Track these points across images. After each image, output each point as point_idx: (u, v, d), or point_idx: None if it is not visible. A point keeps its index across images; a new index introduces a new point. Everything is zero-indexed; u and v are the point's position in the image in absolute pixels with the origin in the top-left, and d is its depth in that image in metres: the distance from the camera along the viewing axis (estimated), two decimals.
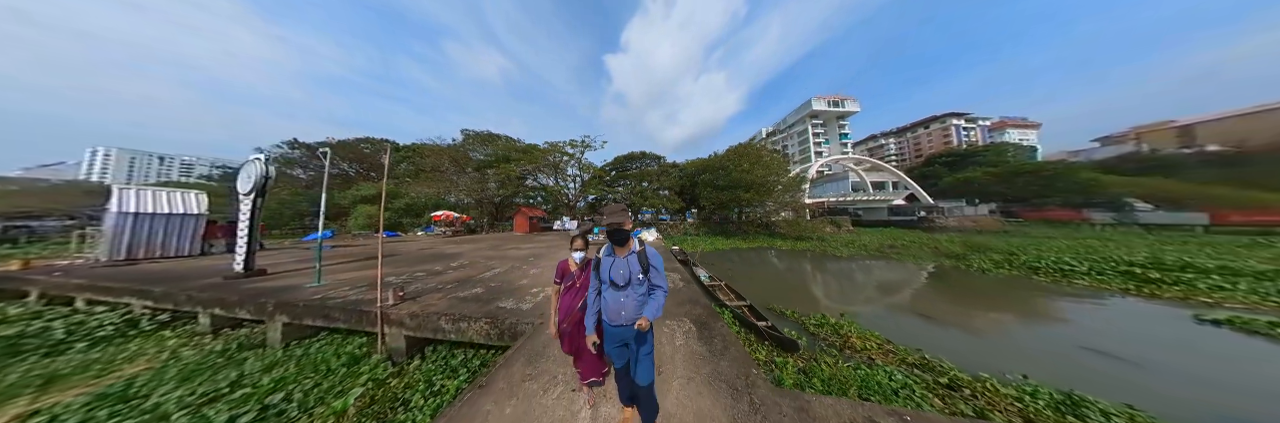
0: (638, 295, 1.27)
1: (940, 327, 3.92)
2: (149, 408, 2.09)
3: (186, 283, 3.89)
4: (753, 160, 14.85)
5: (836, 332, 3.37)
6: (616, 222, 1.26)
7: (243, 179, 4.20)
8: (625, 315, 1.25)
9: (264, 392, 2.21)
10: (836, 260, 8.75)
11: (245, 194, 4.14)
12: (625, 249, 1.32)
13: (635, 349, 1.26)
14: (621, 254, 1.31)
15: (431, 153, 18.69)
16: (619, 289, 1.27)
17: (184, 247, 6.69)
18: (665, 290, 1.28)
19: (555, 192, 19.09)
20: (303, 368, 2.55)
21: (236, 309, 3.26)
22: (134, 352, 2.97)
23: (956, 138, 43.73)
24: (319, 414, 1.98)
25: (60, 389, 2.40)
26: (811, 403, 1.49)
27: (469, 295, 3.28)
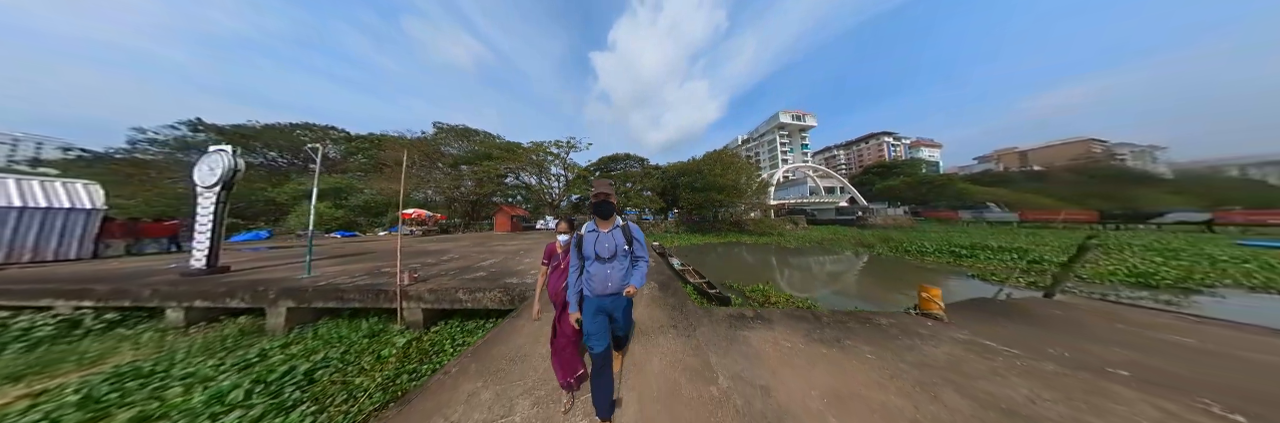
0: (623, 267, 1.36)
1: (828, 287, 5.83)
2: (182, 375, 2.27)
3: (130, 282, 3.62)
4: (725, 166, 16.73)
5: (763, 294, 4.71)
6: (603, 192, 1.35)
7: (203, 172, 3.99)
8: (611, 286, 1.35)
9: (299, 357, 2.48)
10: (786, 251, 10.82)
11: (207, 187, 3.95)
12: (609, 223, 1.40)
13: (620, 317, 1.41)
14: (605, 228, 1.39)
15: (395, 145, 17.55)
16: (604, 262, 1.35)
17: (69, 249, 5.58)
18: (648, 261, 1.40)
19: (538, 191, 18.99)
20: (326, 342, 2.79)
21: (226, 300, 3.25)
22: (107, 347, 2.80)
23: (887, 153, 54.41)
24: (366, 362, 2.38)
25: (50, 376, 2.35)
26: (713, 311, 2.65)
27: (475, 277, 3.71)
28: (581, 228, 1.44)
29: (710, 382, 1.61)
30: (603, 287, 1.34)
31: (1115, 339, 2.23)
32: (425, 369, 2.36)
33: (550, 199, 19.29)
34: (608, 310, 1.37)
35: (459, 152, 19.68)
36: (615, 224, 1.40)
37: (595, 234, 1.38)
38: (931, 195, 27.88)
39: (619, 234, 1.37)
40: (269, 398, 1.99)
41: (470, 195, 17.98)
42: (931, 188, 28.33)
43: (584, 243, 1.37)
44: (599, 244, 1.35)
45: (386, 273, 3.90)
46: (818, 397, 1.47)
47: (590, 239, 1.37)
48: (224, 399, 1.97)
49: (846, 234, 15.25)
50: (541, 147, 17.66)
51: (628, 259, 1.38)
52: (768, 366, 1.77)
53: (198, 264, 3.97)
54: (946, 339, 2.16)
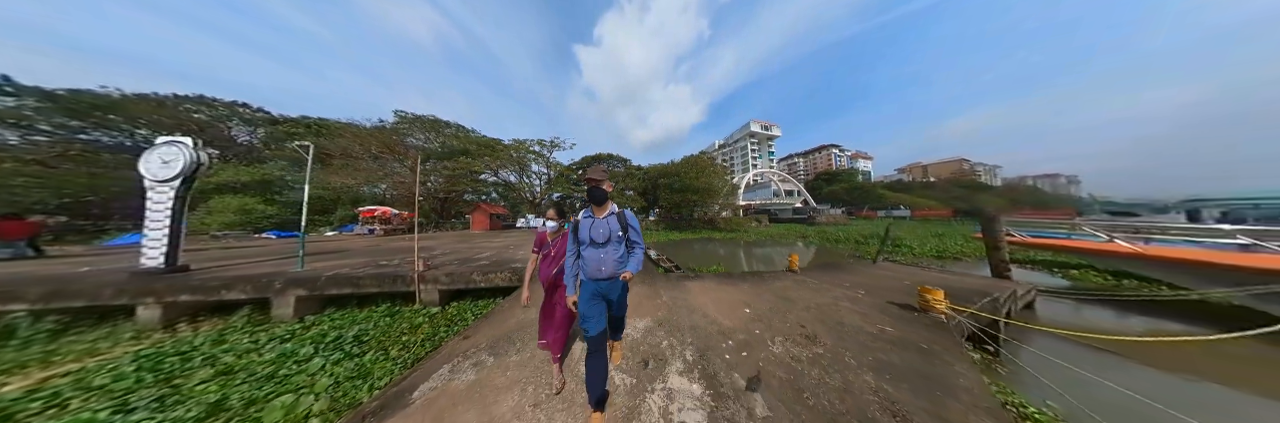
0: (617, 252, 1.41)
1: (760, 264, 7.81)
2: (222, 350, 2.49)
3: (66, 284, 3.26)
4: (700, 170, 18.94)
5: (712, 270, 6.27)
6: (597, 179, 1.39)
7: (152, 163, 3.72)
8: (606, 270, 1.39)
9: (337, 328, 2.75)
10: (746, 244, 13.03)
11: (160, 181, 3.70)
12: (604, 210, 1.44)
13: (615, 300, 1.47)
14: (600, 215, 1.43)
15: (348, 133, 15.98)
16: (599, 247, 1.39)
17: None
18: (643, 247, 1.45)
19: (519, 188, 19.09)
20: (351, 320, 3.06)
21: (221, 292, 3.20)
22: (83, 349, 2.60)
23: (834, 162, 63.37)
24: (404, 329, 2.79)
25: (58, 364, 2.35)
26: (669, 275, 4.41)
27: (479, 264, 4.19)
28: (577, 215, 1.48)
29: (657, 297, 3.14)
30: (597, 271, 1.39)
31: (869, 275, 4.28)
32: (456, 329, 2.90)
33: (531, 197, 19.28)
34: (604, 294, 1.42)
35: (427, 144, 18.47)
36: (610, 211, 1.45)
37: (590, 220, 1.43)
38: (861, 199, 34.13)
39: (614, 221, 1.42)
40: (335, 352, 2.40)
41: (439, 192, 16.92)
42: (862, 193, 34.94)
43: (579, 228, 1.43)
44: (594, 230, 1.40)
45: (388, 265, 4.21)
46: (708, 301, 3.06)
47: (586, 225, 1.42)
48: (295, 355, 2.35)
49: (796, 230, 18.43)
50: (523, 145, 17.58)
51: (622, 245, 1.43)
52: (691, 293, 3.34)
53: (152, 263, 3.70)
54: (788, 278, 3.99)
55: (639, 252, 1.46)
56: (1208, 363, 2.66)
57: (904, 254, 8.63)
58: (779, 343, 2.10)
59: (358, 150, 15.10)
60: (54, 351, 2.62)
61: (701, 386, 1.60)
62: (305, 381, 2.10)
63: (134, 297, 3.15)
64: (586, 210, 1.48)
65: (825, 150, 66.69)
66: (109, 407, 1.87)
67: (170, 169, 3.78)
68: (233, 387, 2.04)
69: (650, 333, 2.28)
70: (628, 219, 1.46)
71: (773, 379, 1.66)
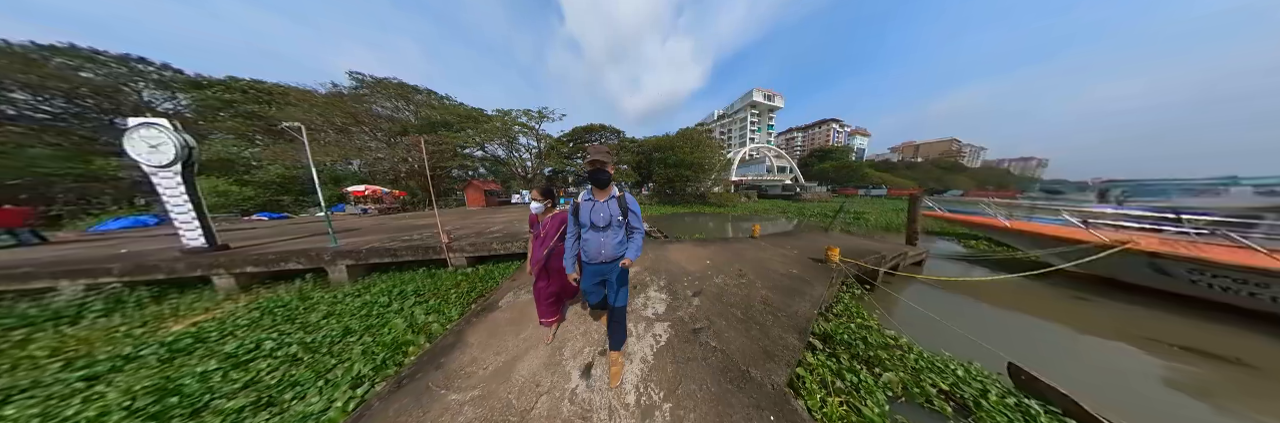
0: (617, 236, 1.42)
1: (736, 232, 8.89)
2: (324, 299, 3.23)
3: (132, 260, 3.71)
4: (695, 144, 19.25)
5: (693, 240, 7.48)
6: (600, 161, 1.32)
7: (139, 148, 3.69)
8: (605, 254, 1.42)
9: (395, 286, 3.48)
10: (732, 217, 14.33)
11: (160, 167, 3.76)
12: (605, 193, 1.42)
13: (613, 281, 1.49)
14: (601, 198, 1.41)
15: (303, 101, 13.88)
16: (599, 231, 1.40)
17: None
18: (643, 232, 1.45)
19: (509, 163, 18.57)
20: (399, 281, 3.71)
21: (279, 264, 3.77)
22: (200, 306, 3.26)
23: (832, 138, 62.66)
24: (448, 285, 3.56)
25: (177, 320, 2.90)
26: (655, 240, 5.68)
27: (495, 236, 4.77)
28: (578, 196, 1.46)
29: (644, 255, 4.32)
30: (597, 254, 1.42)
31: (811, 241, 5.55)
32: (489, 285, 3.61)
33: (523, 173, 18.89)
34: (603, 275, 1.48)
35: (397, 114, 16.82)
36: (611, 194, 1.42)
37: (591, 203, 1.40)
38: (848, 177, 35.55)
39: (614, 205, 1.40)
40: (404, 300, 3.19)
41: (421, 168, 15.32)
42: (850, 171, 36.16)
43: (580, 211, 1.42)
44: (594, 213, 1.39)
45: (410, 240, 4.68)
46: (681, 256, 4.25)
47: (586, 208, 1.40)
48: (376, 303, 3.10)
49: (782, 206, 19.87)
50: (509, 116, 16.76)
51: (623, 229, 1.43)
52: (670, 251, 4.53)
53: (195, 243, 4.04)
54: (747, 243, 5.22)
55: (639, 237, 1.45)
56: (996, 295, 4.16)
57: (862, 226, 10.18)
58: (720, 277, 3.31)
59: (319, 122, 13.57)
60: (175, 308, 3.23)
61: (666, 295, 2.82)
62: (393, 316, 2.84)
63: (207, 269, 3.69)
64: (586, 192, 1.45)
65: (825, 125, 65.21)
66: (266, 335, 2.52)
67: (162, 154, 3.76)
68: (346, 321, 2.75)
69: (638, 274, 3.47)
70: (628, 203, 1.44)
71: (708, 292, 2.88)
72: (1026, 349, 2.80)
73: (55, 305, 3.24)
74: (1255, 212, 3.95)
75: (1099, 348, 2.98)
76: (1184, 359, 2.74)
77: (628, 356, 1.88)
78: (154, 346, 2.46)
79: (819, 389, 1.92)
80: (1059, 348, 2.99)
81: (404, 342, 2.39)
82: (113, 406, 1.75)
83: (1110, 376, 2.58)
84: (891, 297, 3.78)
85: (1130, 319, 3.45)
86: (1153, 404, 2.22)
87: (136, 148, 3.76)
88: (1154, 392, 2.39)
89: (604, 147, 1.37)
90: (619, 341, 1.63)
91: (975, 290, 4.23)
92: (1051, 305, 3.84)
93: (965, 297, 4.10)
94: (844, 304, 3.32)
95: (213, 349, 2.42)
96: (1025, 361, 2.11)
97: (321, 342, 2.45)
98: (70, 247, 5.39)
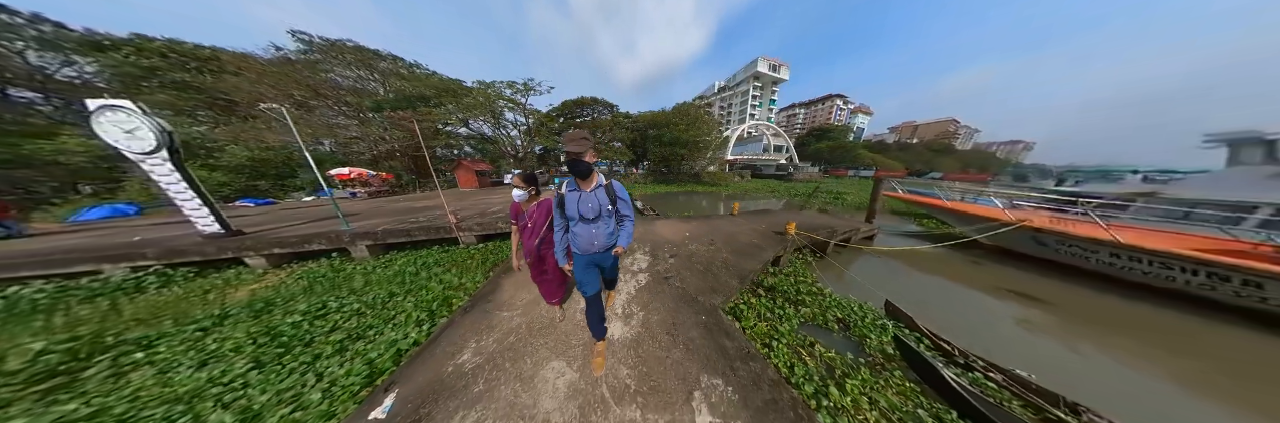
0: (608, 226, 1.41)
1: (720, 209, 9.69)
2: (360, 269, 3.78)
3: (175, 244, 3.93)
4: (691, 121, 18.68)
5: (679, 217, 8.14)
6: (576, 151, 1.22)
7: (116, 135, 3.56)
8: (598, 244, 1.42)
9: (415, 260, 4.02)
10: (723, 197, 14.99)
11: (144, 154, 3.66)
12: (590, 183, 1.36)
13: (608, 268, 1.57)
14: (587, 188, 1.36)
15: (248, 69, 11.78)
16: (589, 222, 1.37)
17: None
18: (634, 219, 1.46)
19: (497, 142, 17.49)
20: (417, 256, 4.23)
21: (304, 244, 4.14)
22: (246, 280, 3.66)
23: (834, 116, 61.05)
24: (463, 258, 4.08)
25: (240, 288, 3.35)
26: (643, 217, 6.67)
27: (497, 215, 5.29)
28: (562, 186, 1.40)
29: (635, 228, 5.02)
30: (588, 245, 1.42)
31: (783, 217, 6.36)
32: (500, 257, 4.11)
33: (513, 152, 18.03)
34: (597, 263, 1.52)
35: (361, 85, 14.92)
36: (598, 183, 1.39)
37: (577, 195, 1.36)
38: (842, 158, 35.95)
39: (602, 194, 1.37)
40: (429, 269, 3.79)
41: (410, 150, 14.13)
42: (844, 152, 36.36)
43: (566, 203, 1.37)
44: (582, 204, 1.36)
45: (417, 221, 5.00)
46: (666, 229, 5.05)
47: (572, 199, 1.37)
48: (406, 272, 3.67)
49: (773, 186, 20.42)
50: (492, 89, 15.31)
51: (612, 218, 1.42)
52: (656, 226, 5.31)
53: (211, 228, 4.17)
54: (725, 219, 6.02)
55: (629, 224, 1.46)
56: (919, 261, 5.19)
57: (839, 206, 11.08)
58: (694, 244, 4.11)
59: (273, 96, 11.70)
60: (225, 282, 3.62)
61: (649, 256, 3.65)
62: (426, 282, 3.42)
63: (237, 251, 3.97)
64: (570, 182, 1.40)
65: (829, 102, 62.98)
66: (326, 298, 3.04)
67: (140, 140, 3.63)
68: (387, 286, 3.27)
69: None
70: (616, 191, 1.42)
71: (681, 255, 3.70)
72: (914, 294, 3.83)
73: (113, 282, 3.59)
74: (1131, 197, 4.85)
75: (962, 293, 4.07)
76: (1011, 299, 3.83)
77: (619, 290, 2.66)
78: (236, 307, 2.96)
79: (754, 318, 2.82)
80: (937, 293, 4.06)
81: (448, 296, 3.06)
82: (242, 341, 2.35)
83: (958, 308, 3.64)
84: (836, 261, 4.73)
85: (998, 276, 4.53)
86: (975, 325, 3.26)
87: (109, 134, 3.58)
88: (979, 317, 3.45)
89: (580, 133, 1.25)
90: (600, 329, 1.70)
91: (903, 257, 5.25)
92: (952, 268, 4.90)
93: (895, 262, 5.12)
94: (794, 266, 4.26)
95: (288, 309, 2.92)
96: (907, 302, 3.04)
97: (374, 301, 2.99)
98: (71, 236, 5.29)
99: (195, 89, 11.92)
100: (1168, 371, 2.67)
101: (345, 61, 14.62)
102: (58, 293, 3.35)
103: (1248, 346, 2.95)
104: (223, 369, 2.04)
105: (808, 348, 2.46)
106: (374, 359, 2.08)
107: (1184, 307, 3.45)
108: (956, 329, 2.85)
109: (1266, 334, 3.02)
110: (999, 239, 5.13)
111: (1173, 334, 3.14)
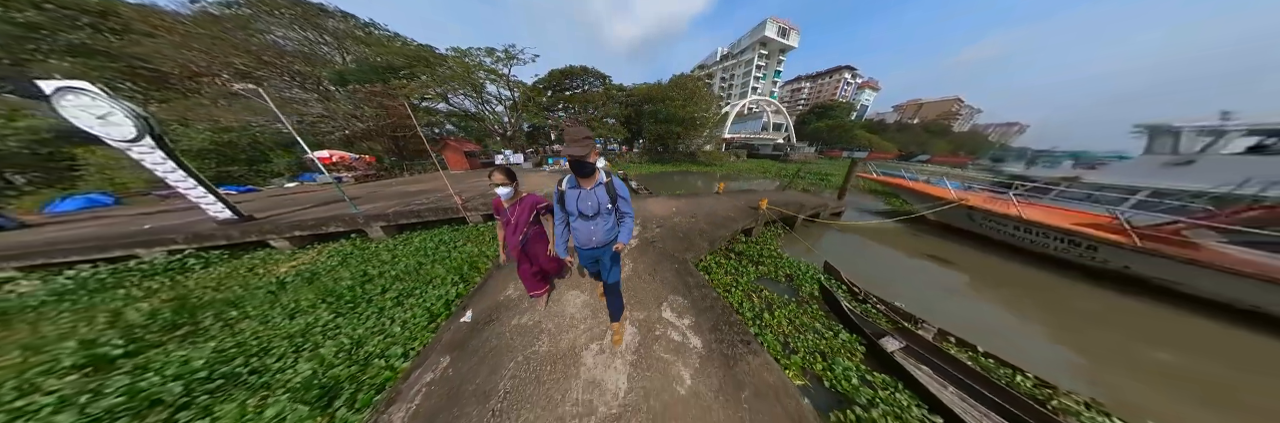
0: (607, 223, 1.43)
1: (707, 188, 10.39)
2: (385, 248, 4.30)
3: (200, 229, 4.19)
4: (688, 96, 17.91)
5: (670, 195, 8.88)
6: (580, 154, 1.23)
7: (87, 120, 3.39)
8: (596, 240, 1.46)
9: (434, 237, 4.53)
10: (719, 176, 15.33)
11: (128, 141, 3.56)
12: (591, 181, 1.38)
13: (607, 262, 1.57)
14: (587, 186, 1.37)
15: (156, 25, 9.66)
16: (588, 219, 1.40)
17: None
18: (633, 216, 1.47)
19: (481, 119, 16.08)
20: (433, 234, 4.67)
21: (322, 228, 4.42)
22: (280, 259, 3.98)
23: (840, 90, 58.43)
24: (474, 235, 4.64)
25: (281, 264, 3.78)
26: (636, 195, 7.44)
27: None
28: (562, 182, 1.42)
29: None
30: (588, 241, 1.48)
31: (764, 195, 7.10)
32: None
33: (500, 130, 16.86)
34: (596, 257, 1.58)
35: (306, 49, 12.82)
36: (598, 181, 1.39)
37: (577, 192, 1.38)
38: (840, 138, 35.78)
39: (602, 192, 1.38)
40: (447, 244, 4.34)
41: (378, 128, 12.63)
42: (842, 132, 36.01)
43: (566, 200, 1.41)
44: (581, 202, 1.38)
45: (422, 204, 5.35)
46: (655, 206, 5.76)
47: (572, 196, 1.39)
48: (426, 248, 4.17)
49: (766, 166, 20.89)
50: (469, 57, 13.60)
51: (612, 216, 1.45)
52: (648, 203, 6.02)
53: (223, 215, 4.29)
54: (710, 196, 6.73)
55: (629, 222, 1.48)
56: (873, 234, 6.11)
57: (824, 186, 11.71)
58: (678, 218, 4.85)
59: (206, 62, 9.86)
60: (264, 260, 3.97)
61: (639, 228, 4.41)
62: (449, 252, 4.03)
63: (261, 234, 4.21)
64: (570, 179, 1.41)
65: (837, 74, 59.85)
66: (365, 268, 3.57)
67: (118, 127, 3.49)
68: (414, 258, 3.83)
69: None
70: (617, 189, 1.42)
71: (666, 226, 4.47)
72: (856, 258, 4.76)
73: (158, 264, 3.87)
74: (1057, 180, 5.66)
75: (891, 257, 5.08)
76: (928, 262, 4.84)
77: None
78: (289, 277, 3.44)
79: (721, 273, 3.69)
80: (874, 258, 5.03)
81: (474, 261, 3.76)
82: (313, 299, 2.92)
83: (886, 268, 4.63)
84: (802, 234, 5.61)
85: (929, 246, 5.50)
86: (893, 279, 4.19)
87: (81, 119, 3.39)
88: (898, 274, 4.44)
89: (582, 131, 1.22)
90: (617, 312, 1.79)
91: (861, 231, 6.18)
92: (897, 239, 5.86)
93: (854, 234, 6.05)
94: (764, 236, 5.11)
95: (336, 277, 3.43)
96: (845, 264, 3.88)
97: (407, 270, 3.52)
98: (67, 228, 5.17)
99: (105, 55, 9.72)
100: (1005, 304, 3.65)
101: (283, 20, 12.23)
102: (115, 274, 3.69)
103: (1084, 293, 3.95)
104: (312, 318, 2.61)
105: (757, 293, 3.35)
106: (430, 307, 2.71)
107: (1050, 267, 4.46)
108: (879, 282, 3.78)
109: (1095, 287, 4.01)
110: (942, 216, 6.03)
111: (1033, 287, 4.12)
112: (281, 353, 2.22)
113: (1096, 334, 3.15)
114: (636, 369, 1.69)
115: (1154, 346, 3.03)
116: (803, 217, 5.78)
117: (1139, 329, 3.28)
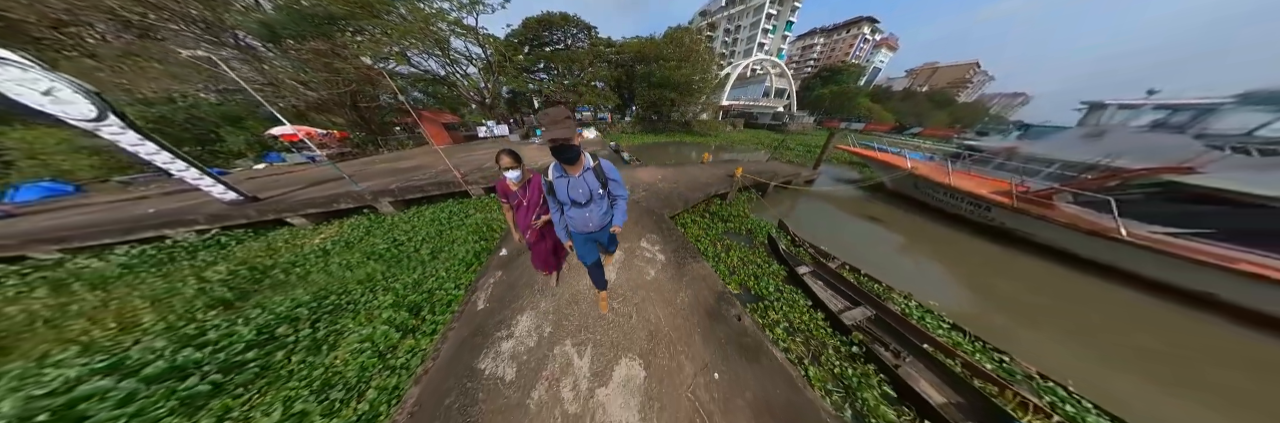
0: (601, 209, 1.47)
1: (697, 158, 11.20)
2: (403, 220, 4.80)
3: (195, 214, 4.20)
4: (684, 54, 16.52)
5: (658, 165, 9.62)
6: (562, 137, 1.18)
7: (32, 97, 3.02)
8: (592, 225, 1.51)
9: (444, 209, 4.97)
10: (713, 147, 15.81)
11: (92, 120, 3.23)
12: (578, 167, 1.34)
13: (605, 242, 1.71)
14: (575, 173, 1.35)
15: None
16: (581, 206, 1.42)
17: None
18: (626, 197, 1.49)
19: (454, 84, 13.92)
20: (440, 208, 5.02)
21: (333, 204, 4.62)
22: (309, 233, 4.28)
23: (856, 48, 53.54)
24: (479, 208, 5.11)
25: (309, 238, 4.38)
26: (628, 165, 8.24)
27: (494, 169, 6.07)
28: (549, 171, 1.40)
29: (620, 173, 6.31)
30: (584, 227, 1.52)
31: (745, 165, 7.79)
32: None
33: (477, 97, 14.86)
34: (595, 239, 1.66)
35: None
36: (586, 166, 1.37)
37: (565, 180, 1.37)
38: (842, 107, 34.71)
39: (591, 177, 1.37)
40: (457, 216, 4.78)
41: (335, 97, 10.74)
42: (845, 100, 34.68)
43: (556, 189, 1.40)
44: (572, 190, 1.38)
45: (420, 179, 5.46)
46: (644, 175, 6.53)
47: (561, 186, 1.38)
48: (439, 219, 4.61)
49: (762, 136, 20.78)
50: (425, 3, 11.19)
51: (605, 200, 1.47)
52: (638, 172, 6.78)
53: (228, 197, 4.30)
54: (695, 166, 7.48)
55: (622, 203, 1.52)
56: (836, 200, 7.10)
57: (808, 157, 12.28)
58: (663, 184, 5.65)
59: (62, 4, 7.39)
60: (291, 236, 4.22)
61: (626, 192, 5.02)
62: (464, 220, 4.60)
63: (278, 213, 4.39)
64: (556, 167, 1.38)
65: (854, 29, 54.01)
66: (392, 235, 4.11)
67: (72, 105, 3.14)
68: (432, 226, 4.33)
69: None
70: (606, 172, 1.41)
71: (650, 190, 5.35)
72: (811, 218, 5.79)
73: (196, 243, 4.10)
74: (998, 151, 6.46)
75: (839, 217, 6.16)
76: (867, 222, 5.92)
77: None
78: (331, 245, 3.90)
79: (696, 229, 4.65)
80: (826, 217, 6.09)
81: (489, 224, 4.58)
82: (362, 259, 3.55)
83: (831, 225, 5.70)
84: (771, 200, 6.54)
85: (874, 209, 6.55)
86: (837, 235, 5.25)
87: (25, 96, 2.99)
88: (839, 231, 5.53)
89: (562, 112, 1.16)
90: (602, 283, 2.06)
91: (825, 197, 7.16)
92: (851, 204, 6.90)
93: (819, 200, 7.03)
94: (738, 201, 6.02)
95: (370, 243, 3.92)
96: (804, 225, 4.84)
97: (429, 235, 4.07)
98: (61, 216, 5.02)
99: None
100: (910, 250, 4.82)
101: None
102: (162, 251, 3.94)
103: (972, 244, 5.06)
104: (370, 269, 3.24)
105: (721, 241, 4.34)
106: (463, 258, 3.44)
107: (959, 226, 5.52)
108: (824, 235, 4.80)
109: (984, 241, 5.05)
110: (897, 184, 6.96)
111: (939, 241, 5.20)
112: (361, 292, 2.88)
113: (962, 269, 4.33)
114: (624, 270, 2.71)
115: (997, 276, 4.20)
116: (774, 183, 6.61)
117: (992, 266, 4.42)
